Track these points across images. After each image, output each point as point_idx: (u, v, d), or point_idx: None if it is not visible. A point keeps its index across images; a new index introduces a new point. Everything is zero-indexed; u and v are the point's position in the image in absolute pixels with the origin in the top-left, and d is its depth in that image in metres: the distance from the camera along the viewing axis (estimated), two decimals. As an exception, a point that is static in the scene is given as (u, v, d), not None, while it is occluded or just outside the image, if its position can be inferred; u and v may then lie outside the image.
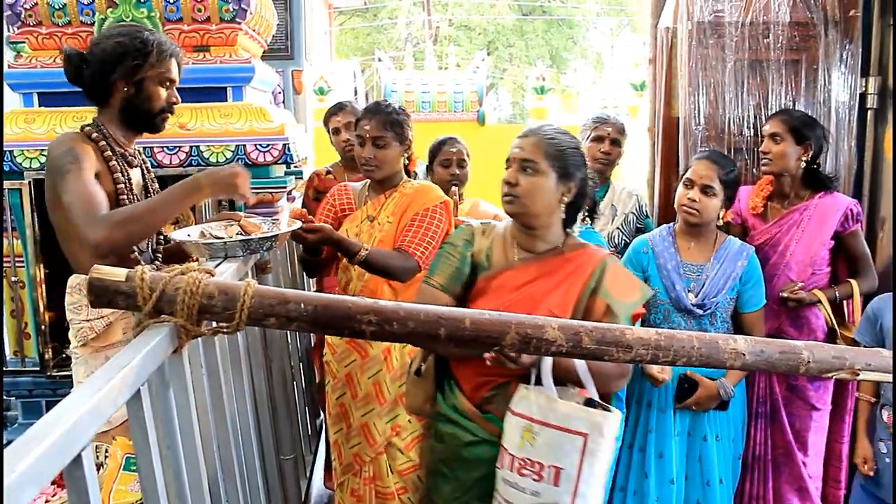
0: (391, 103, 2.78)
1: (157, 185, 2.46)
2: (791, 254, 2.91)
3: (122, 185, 2.22)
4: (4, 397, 3.53)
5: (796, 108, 3.21)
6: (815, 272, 2.91)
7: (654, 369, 2.63)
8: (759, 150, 2.98)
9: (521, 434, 1.80)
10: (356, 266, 2.63)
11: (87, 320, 2.24)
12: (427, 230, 2.63)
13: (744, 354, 1.58)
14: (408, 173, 2.86)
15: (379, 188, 2.79)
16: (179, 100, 2.36)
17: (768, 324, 2.90)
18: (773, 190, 2.99)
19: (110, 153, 2.22)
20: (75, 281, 2.26)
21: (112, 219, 2.00)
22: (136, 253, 2.28)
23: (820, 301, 2.85)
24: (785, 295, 2.84)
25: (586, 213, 2.75)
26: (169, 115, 2.35)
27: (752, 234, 2.99)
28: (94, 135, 2.22)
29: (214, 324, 1.45)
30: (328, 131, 3.76)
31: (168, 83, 2.29)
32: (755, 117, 3.29)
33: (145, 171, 2.43)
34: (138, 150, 2.43)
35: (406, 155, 2.79)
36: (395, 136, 2.70)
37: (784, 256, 2.92)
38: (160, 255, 2.43)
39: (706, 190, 2.67)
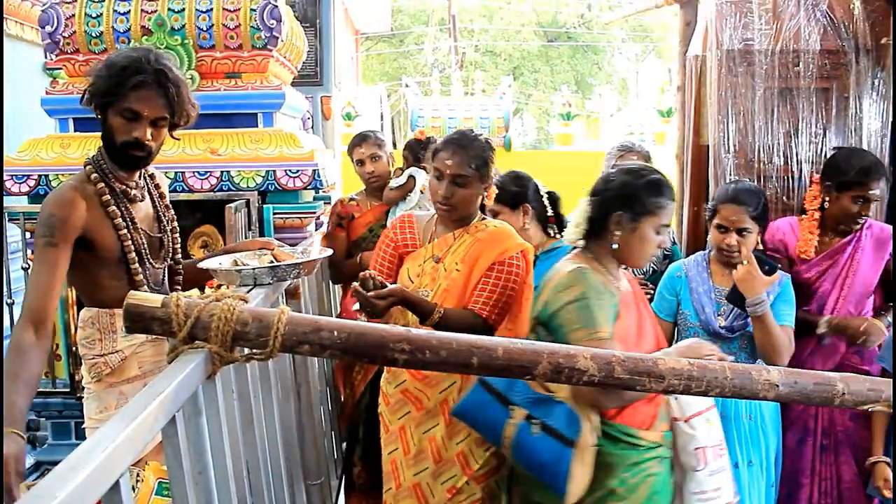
0: (478, 136, 2.47)
1: (171, 213, 2.35)
2: (849, 286, 2.85)
3: (125, 231, 2.13)
4: (35, 417, 3.57)
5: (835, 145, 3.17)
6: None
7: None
8: (858, 210, 2.78)
9: (706, 426, 2.04)
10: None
11: (102, 355, 2.17)
12: (504, 289, 2.39)
13: (777, 386, 1.56)
14: (482, 209, 2.57)
15: (450, 225, 2.50)
16: (149, 137, 2.10)
17: (831, 360, 2.85)
18: (819, 224, 2.92)
19: (108, 196, 2.11)
20: (87, 315, 2.19)
21: (19, 333, 1.93)
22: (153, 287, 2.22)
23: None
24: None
25: (555, 229, 2.85)
26: (139, 152, 2.11)
27: (800, 268, 2.92)
28: (94, 175, 2.12)
29: (248, 350, 1.46)
30: (352, 161, 3.70)
31: (130, 115, 2.07)
32: (785, 146, 3.27)
33: (157, 200, 2.31)
34: (146, 178, 2.29)
35: (485, 195, 2.49)
36: (479, 175, 2.39)
37: (842, 288, 2.86)
38: (178, 289, 2.36)
39: (742, 232, 2.65)
